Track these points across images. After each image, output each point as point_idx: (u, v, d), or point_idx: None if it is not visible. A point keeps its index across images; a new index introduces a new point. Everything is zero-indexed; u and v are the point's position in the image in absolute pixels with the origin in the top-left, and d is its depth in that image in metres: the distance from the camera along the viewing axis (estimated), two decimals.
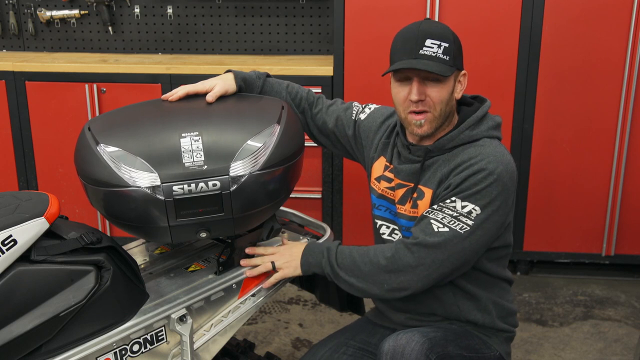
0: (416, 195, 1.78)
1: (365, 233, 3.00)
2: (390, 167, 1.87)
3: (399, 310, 1.89)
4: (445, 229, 1.67)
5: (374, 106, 2.01)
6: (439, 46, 1.67)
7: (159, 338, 1.60)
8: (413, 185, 1.79)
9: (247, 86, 1.95)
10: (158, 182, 1.55)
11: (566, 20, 2.98)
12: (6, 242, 1.38)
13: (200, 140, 1.59)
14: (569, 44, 3.00)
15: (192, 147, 1.58)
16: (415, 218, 1.78)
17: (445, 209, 1.69)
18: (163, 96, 1.84)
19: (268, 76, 2.03)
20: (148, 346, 1.59)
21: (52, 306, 1.42)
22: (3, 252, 1.38)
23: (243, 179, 1.59)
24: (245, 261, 1.78)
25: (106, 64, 3.34)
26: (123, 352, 1.54)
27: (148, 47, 3.77)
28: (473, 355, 1.76)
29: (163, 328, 1.61)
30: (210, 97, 1.81)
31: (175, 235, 1.62)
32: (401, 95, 1.73)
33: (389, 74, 1.77)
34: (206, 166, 1.57)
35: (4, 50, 3.83)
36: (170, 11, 3.69)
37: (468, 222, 1.67)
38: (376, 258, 1.71)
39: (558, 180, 3.18)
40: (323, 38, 3.66)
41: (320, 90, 3.11)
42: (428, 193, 1.76)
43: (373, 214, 1.94)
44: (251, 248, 1.81)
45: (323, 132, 2.05)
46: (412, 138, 1.82)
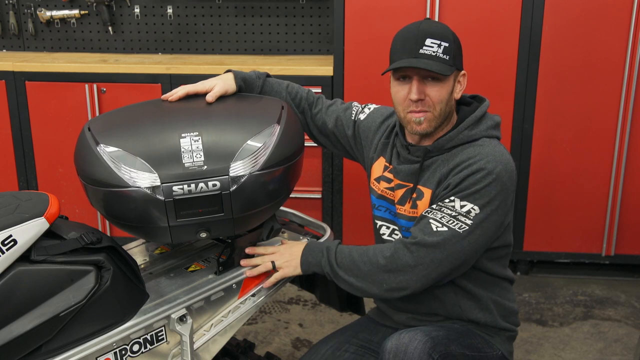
0: (415, 195, 1.78)
1: (365, 233, 3.00)
2: (389, 168, 1.87)
3: (401, 310, 1.89)
4: (444, 229, 1.67)
5: (374, 106, 2.01)
6: (439, 45, 1.67)
7: (159, 338, 1.60)
8: (412, 185, 1.79)
9: (247, 86, 1.95)
10: (158, 183, 1.55)
11: (566, 20, 2.98)
12: (6, 242, 1.38)
13: (200, 140, 1.59)
14: (569, 44, 3.00)
15: (192, 147, 1.58)
16: (415, 218, 1.78)
17: (444, 209, 1.69)
18: (163, 96, 1.84)
19: (268, 76, 2.03)
20: (148, 346, 1.59)
21: (52, 306, 1.42)
22: (3, 252, 1.38)
23: (243, 179, 1.59)
24: (245, 261, 1.78)
25: (106, 64, 3.34)
26: (123, 352, 1.54)
27: (148, 47, 3.77)
28: (475, 354, 1.76)
29: (163, 328, 1.61)
30: (210, 97, 1.81)
31: (175, 235, 1.62)
32: (401, 94, 1.73)
33: (389, 74, 1.77)
34: (206, 166, 1.57)
35: (4, 50, 3.83)
36: (170, 11, 3.69)
37: (467, 222, 1.67)
38: (375, 257, 1.71)
39: (558, 180, 3.18)
40: (323, 38, 3.66)
41: (320, 90, 3.11)
42: (427, 193, 1.76)
43: (373, 215, 1.94)
44: (251, 248, 1.81)
45: (323, 133, 2.05)
46: (411, 138, 1.82)
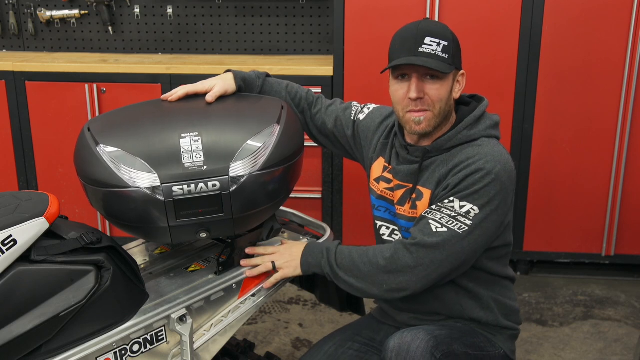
0: (415, 196, 1.78)
1: (365, 233, 3.00)
2: (389, 168, 1.87)
3: (403, 310, 1.90)
4: (443, 229, 1.67)
5: (373, 106, 2.01)
6: (438, 44, 1.67)
7: (159, 338, 1.60)
8: (412, 186, 1.79)
9: (247, 86, 1.95)
10: (158, 183, 1.55)
11: (566, 20, 2.98)
12: (6, 242, 1.38)
13: (200, 140, 1.59)
14: (569, 44, 3.00)
15: (192, 148, 1.58)
16: (414, 219, 1.77)
17: (443, 209, 1.68)
18: (163, 96, 1.84)
19: (268, 76, 2.03)
20: (148, 346, 1.59)
21: (52, 306, 1.42)
22: (3, 252, 1.38)
23: (243, 180, 1.59)
24: (245, 261, 1.78)
25: (106, 64, 3.34)
26: (123, 352, 1.54)
27: (148, 47, 3.77)
28: (478, 353, 1.76)
29: (163, 328, 1.61)
30: (209, 97, 1.81)
31: (175, 235, 1.62)
32: (400, 93, 1.73)
33: (388, 74, 1.77)
34: (206, 166, 1.57)
35: (4, 50, 3.83)
36: (170, 11, 3.69)
37: (466, 222, 1.66)
38: (375, 258, 1.71)
39: (558, 180, 3.18)
40: (323, 38, 3.66)
41: (320, 90, 3.11)
42: (427, 194, 1.76)
43: (373, 215, 1.94)
44: (251, 248, 1.81)
45: (322, 133, 2.05)
46: (410, 138, 1.81)
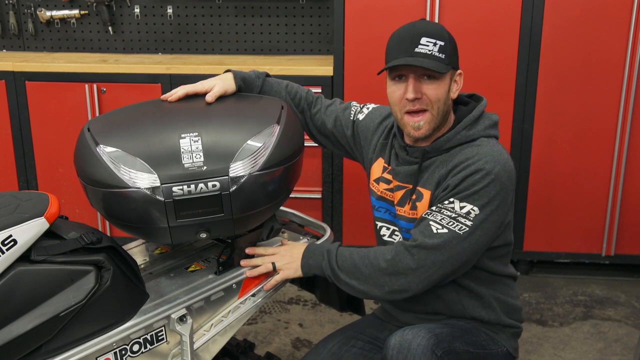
0: (415, 196, 1.78)
1: (365, 233, 3.01)
2: (388, 169, 1.86)
3: (405, 310, 1.90)
4: (444, 230, 1.67)
5: (372, 106, 2.01)
6: (435, 44, 1.67)
7: (159, 338, 1.60)
8: (411, 186, 1.79)
9: (247, 86, 1.95)
10: (158, 183, 1.55)
11: (566, 20, 2.98)
12: (6, 242, 1.38)
13: (199, 140, 1.59)
14: (569, 44, 3.00)
15: (192, 148, 1.58)
16: (414, 219, 1.77)
17: (443, 210, 1.68)
18: (162, 96, 1.84)
19: (267, 76, 2.03)
20: (148, 346, 1.59)
21: (52, 306, 1.42)
22: (3, 252, 1.38)
23: (243, 180, 1.59)
24: (245, 261, 1.78)
25: (106, 64, 3.34)
26: (123, 352, 1.54)
27: (148, 47, 3.77)
28: (480, 351, 1.76)
29: (163, 328, 1.61)
30: (209, 97, 1.80)
31: (175, 235, 1.62)
32: (397, 94, 1.73)
33: (385, 75, 1.77)
34: (206, 167, 1.57)
35: (4, 50, 3.83)
36: (170, 11, 3.69)
37: (467, 223, 1.66)
38: (376, 260, 1.71)
39: (558, 180, 3.18)
40: (323, 38, 3.66)
41: (320, 90, 3.11)
42: (427, 194, 1.76)
43: (373, 215, 1.94)
44: (251, 248, 1.81)
45: (322, 132, 2.05)
46: (409, 139, 1.81)
